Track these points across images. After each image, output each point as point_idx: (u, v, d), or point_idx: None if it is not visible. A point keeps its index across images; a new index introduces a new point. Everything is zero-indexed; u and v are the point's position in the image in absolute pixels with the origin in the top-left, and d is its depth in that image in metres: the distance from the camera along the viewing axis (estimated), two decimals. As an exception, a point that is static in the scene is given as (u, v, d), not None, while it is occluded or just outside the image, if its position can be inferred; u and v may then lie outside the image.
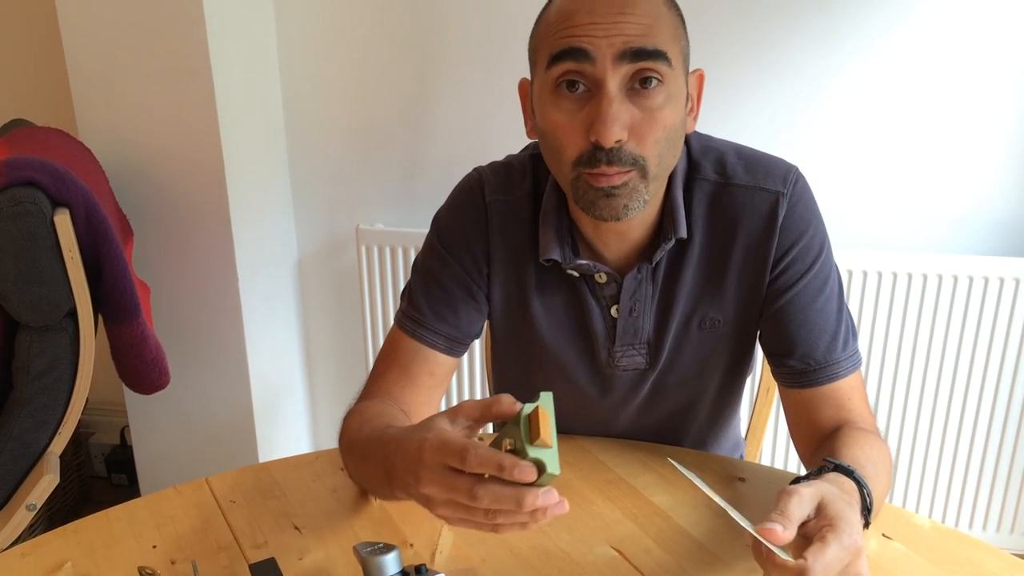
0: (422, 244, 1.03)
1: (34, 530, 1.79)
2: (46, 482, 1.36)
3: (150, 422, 1.97)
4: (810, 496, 0.68)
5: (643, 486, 0.94)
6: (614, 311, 0.97)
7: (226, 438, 1.95)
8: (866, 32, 1.67)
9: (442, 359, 0.99)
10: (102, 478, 2.28)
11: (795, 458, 1.63)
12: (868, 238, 1.80)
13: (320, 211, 2.02)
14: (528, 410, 0.65)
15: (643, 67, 0.81)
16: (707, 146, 0.97)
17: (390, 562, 0.71)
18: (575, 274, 0.97)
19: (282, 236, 2.00)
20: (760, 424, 1.31)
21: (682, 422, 1.07)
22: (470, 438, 0.73)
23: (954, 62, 1.66)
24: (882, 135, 1.73)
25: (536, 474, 0.62)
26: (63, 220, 1.31)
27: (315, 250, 2.06)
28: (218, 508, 0.91)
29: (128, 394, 1.88)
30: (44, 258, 1.31)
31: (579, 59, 0.82)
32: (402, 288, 1.17)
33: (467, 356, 1.94)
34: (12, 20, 1.97)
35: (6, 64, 2.01)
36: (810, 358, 0.94)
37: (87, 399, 1.43)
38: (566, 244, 0.95)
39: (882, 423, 1.82)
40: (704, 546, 0.84)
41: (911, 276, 1.71)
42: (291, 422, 2.13)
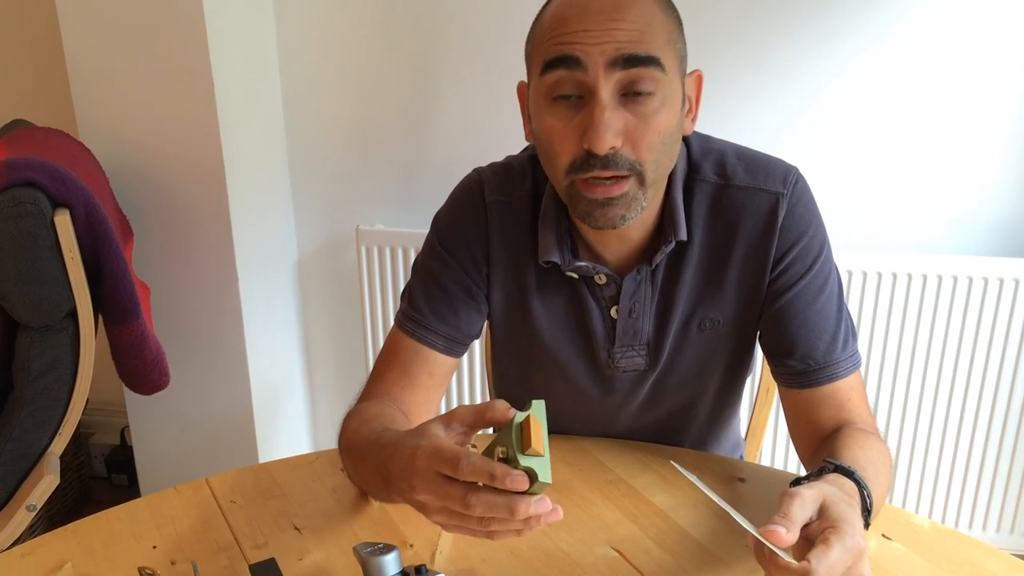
0: (422, 244, 1.03)
1: (34, 530, 1.79)
2: (46, 482, 1.36)
3: (150, 422, 1.97)
4: (812, 498, 0.69)
5: (643, 486, 0.94)
6: (613, 312, 0.97)
7: (226, 438, 1.95)
8: (866, 32, 1.67)
9: (442, 359, 0.99)
10: (102, 478, 2.28)
11: (795, 458, 1.63)
12: (868, 238, 1.80)
13: (320, 211, 2.01)
14: (520, 419, 0.65)
15: (635, 74, 0.81)
16: (707, 147, 0.97)
17: (390, 562, 0.71)
18: (574, 276, 0.97)
19: (282, 236, 2.00)
20: (760, 424, 1.31)
21: (682, 422, 1.07)
22: (464, 444, 0.73)
23: (954, 62, 1.66)
24: (882, 135, 1.73)
25: (528, 483, 0.62)
26: (63, 220, 1.31)
27: (315, 250, 2.06)
28: (218, 508, 0.91)
29: (128, 394, 1.88)
30: (44, 258, 1.31)
31: (571, 67, 0.81)
32: (402, 288, 1.17)
33: (467, 356, 1.94)
34: (12, 20, 1.97)
35: (6, 64, 2.01)
36: (810, 358, 0.94)
37: (87, 399, 1.43)
38: (565, 246, 0.95)
39: (882, 423, 1.82)
40: (704, 547, 0.84)
41: (911, 276, 1.71)
42: (291, 422, 2.13)
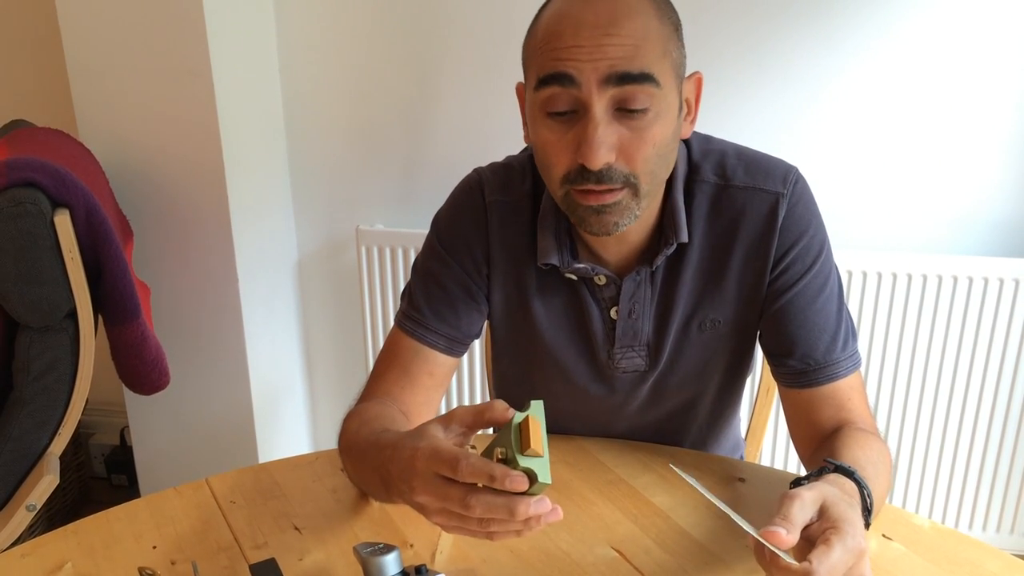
0: (422, 245, 1.03)
1: (34, 530, 1.79)
2: (46, 483, 1.36)
3: (150, 422, 1.96)
4: (812, 499, 0.68)
5: (643, 487, 0.94)
6: (613, 313, 0.97)
7: (226, 438, 1.95)
8: (866, 32, 1.67)
9: (442, 359, 0.99)
10: (102, 478, 2.28)
11: (795, 458, 1.63)
12: (868, 239, 1.80)
13: (320, 211, 2.01)
14: (519, 419, 0.65)
15: (629, 91, 0.81)
16: (707, 148, 0.97)
17: (390, 563, 0.71)
18: (574, 277, 0.97)
19: (282, 236, 2.00)
20: (760, 424, 1.31)
21: (682, 423, 1.07)
22: (464, 445, 0.73)
23: (954, 62, 1.66)
24: (882, 135, 1.73)
25: (527, 484, 0.62)
26: (63, 221, 1.31)
27: (315, 250, 2.06)
28: (218, 508, 0.91)
29: (128, 394, 1.88)
30: (44, 259, 1.31)
31: (565, 84, 0.81)
32: (402, 289, 1.17)
33: (467, 356, 1.94)
34: (12, 20, 1.97)
35: (6, 64, 2.01)
36: (810, 358, 0.94)
37: (87, 399, 1.43)
38: (564, 247, 0.95)
39: (882, 423, 1.82)
40: (704, 547, 0.84)
41: (911, 276, 1.71)
42: (291, 422, 2.13)
